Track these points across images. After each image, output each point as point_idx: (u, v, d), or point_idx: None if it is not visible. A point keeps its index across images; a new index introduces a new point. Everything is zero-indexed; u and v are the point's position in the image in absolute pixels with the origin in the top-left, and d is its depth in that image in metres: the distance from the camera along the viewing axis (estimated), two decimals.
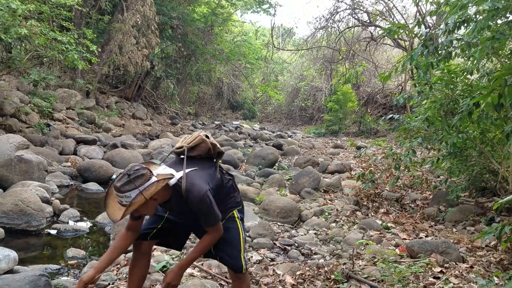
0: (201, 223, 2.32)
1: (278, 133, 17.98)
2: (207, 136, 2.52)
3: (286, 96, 26.78)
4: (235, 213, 2.58)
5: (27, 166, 5.78)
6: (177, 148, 2.48)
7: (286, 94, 27.02)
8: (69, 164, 7.66)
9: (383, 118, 6.59)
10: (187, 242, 3.07)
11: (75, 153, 8.71)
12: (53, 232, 4.62)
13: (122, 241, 2.41)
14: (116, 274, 3.44)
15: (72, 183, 6.85)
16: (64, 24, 9.31)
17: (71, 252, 4.03)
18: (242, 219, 2.63)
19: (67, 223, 4.87)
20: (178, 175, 2.27)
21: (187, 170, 2.28)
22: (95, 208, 5.67)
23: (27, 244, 4.30)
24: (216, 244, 2.44)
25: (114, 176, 7.32)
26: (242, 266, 2.49)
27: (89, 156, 8.49)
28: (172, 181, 2.24)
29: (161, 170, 2.26)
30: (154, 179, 2.15)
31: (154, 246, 4.07)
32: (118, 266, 3.61)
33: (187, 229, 2.65)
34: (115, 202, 2.18)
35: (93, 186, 6.65)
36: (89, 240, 4.64)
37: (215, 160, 2.58)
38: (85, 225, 4.88)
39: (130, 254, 3.04)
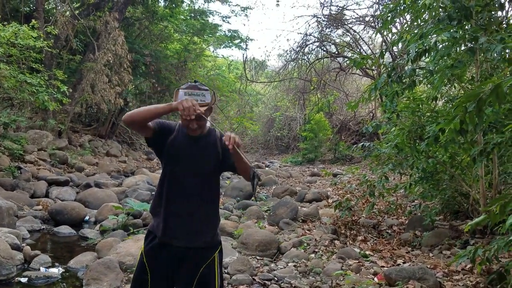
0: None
1: (256, 163, 17.98)
2: None
3: (262, 127, 27.00)
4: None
5: None
6: None
7: (261, 124, 27.24)
8: (40, 207, 7.44)
9: (355, 145, 6.70)
10: None
11: (47, 195, 8.47)
12: (24, 280, 4.43)
13: None
14: None
15: (44, 227, 6.63)
16: (34, 66, 9.26)
17: None
18: None
19: (39, 270, 4.68)
20: None
21: None
22: (67, 253, 5.49)
23: None
24: None
25: (87, 218, 7.13)
26: None
27: (61, 198, 8.27)
28: None
29: None
30: None
31: None
32: None
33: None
34: None
35: (65, 230, 6.44)
36: (61, 286, 4.46)
37: None
38: (56, 271, 4.70)
39: None
